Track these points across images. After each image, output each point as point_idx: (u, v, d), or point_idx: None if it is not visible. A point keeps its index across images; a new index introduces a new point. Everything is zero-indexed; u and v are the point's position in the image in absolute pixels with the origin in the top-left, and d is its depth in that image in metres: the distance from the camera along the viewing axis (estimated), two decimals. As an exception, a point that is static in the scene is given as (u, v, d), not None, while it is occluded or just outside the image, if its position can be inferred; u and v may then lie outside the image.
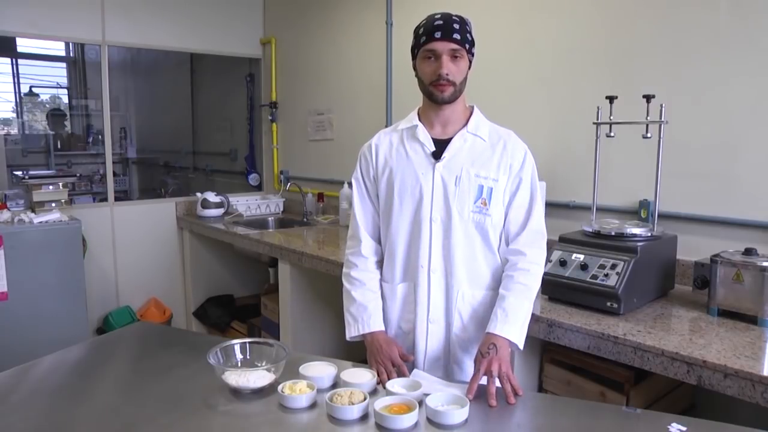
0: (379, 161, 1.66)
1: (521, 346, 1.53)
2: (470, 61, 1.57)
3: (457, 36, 1.50)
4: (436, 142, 1.61)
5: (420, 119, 1.64)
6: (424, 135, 1.61)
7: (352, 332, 1.65)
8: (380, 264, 1.72)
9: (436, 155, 1.59)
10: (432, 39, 1.50)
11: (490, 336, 1.50)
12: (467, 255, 1.59)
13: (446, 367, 1.64)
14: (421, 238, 1.59)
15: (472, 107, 1.66)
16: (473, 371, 1.47)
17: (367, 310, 1.63)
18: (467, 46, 1.53)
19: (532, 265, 1.57)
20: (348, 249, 1.73)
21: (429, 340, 1.62)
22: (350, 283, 1.69)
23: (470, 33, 1.55)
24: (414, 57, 1.59)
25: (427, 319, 1.62)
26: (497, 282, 1.61)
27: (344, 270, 1.73)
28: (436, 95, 1.54)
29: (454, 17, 1.52)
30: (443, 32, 1.50)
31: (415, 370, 1.58)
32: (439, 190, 1.58)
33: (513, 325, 1.51)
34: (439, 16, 1.53)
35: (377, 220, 1.70)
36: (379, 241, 1.72)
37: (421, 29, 1.54)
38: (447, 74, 1.50)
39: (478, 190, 1.57)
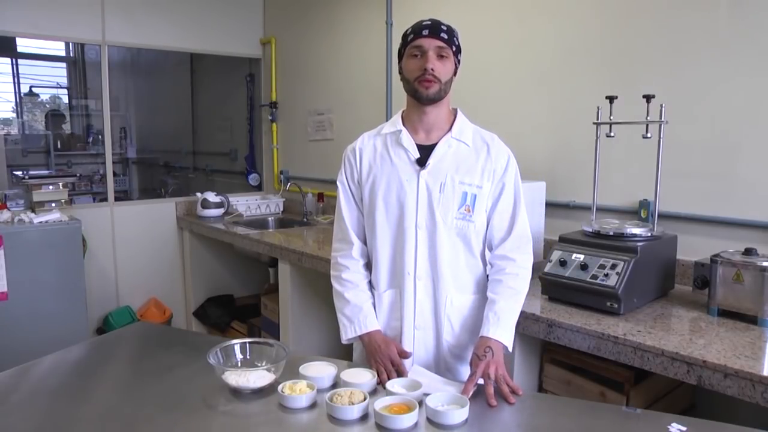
0: (363, 166, 1.65)
1: (510, 349, 1.55)
2: (456, 67, 1.57)
3: (444, 35, 1.51)
4: (420, 148, 1.60)
5: (404, 124, 1.63)
6: (409, 141, 1.60)
7: (348, 334, 1.64)
8: (368, 266, 1.71)
9: (421, 162, 1.58)
10: (419, 36, 1.51)
11: (484, 339, 1.50)
12: (452, 261, 1.59)
13: (436, 372, 1.63)
14: (405, 245, 1.59)
15: (456, 110, 1.65)
16: (469, 374, 1.47)
17: (362, 311, 1.63)
18: (453, 48, 1.54)
19: (521, 270, 1.59)
20: (336, 252, 1.72)
21: (416, 347, 1.62)
22: (342, 286, 1.68)
23: (457, 38, 1.56)
24: (400, 59, 1.60)
25: (413, 326, 1.62)
26: (480, 286, 1.63)
27: (333, 273, 1.71)
28: (421, 92, 1.53)
29: (443, 22, 1.54)
30: (431, 30, 1.51)
31: (414, 366, 1.58)
32: (423, 198, 1.57)
33: (505, 329, 1.52)
34: (427, 18, 1.55)
35: (363, 223, 1.70)
36: (366, 243, 1.71)
37: (409, 29, 1.56)
38: (432, 69, 1.50)
39: (462, 197, 1.57)
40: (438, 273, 1.59)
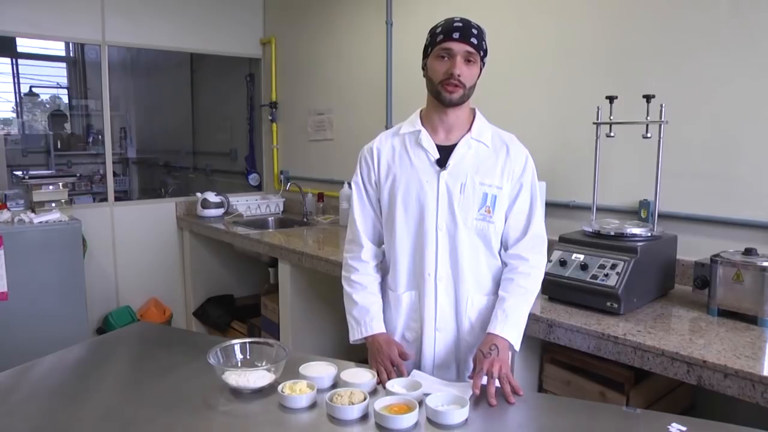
0: (382, 167, 1.63)
1: (518, 348, 1.55)
2: (480, 70, 1.55)
3: (474, 40, 1.49)
4: (439, 148, 1.58)
5: (423, 123, 1.62)
6: (428, 142, 1.59)
7: (355, 335, 1.64)
8: (380, 267, 1.71)
9: (441, 162, 1.57)
10: (449, 39, 1.48)
11: (491, 336, 1.50)
12: (473, 262, 1.59)
13: (457, 371, 1.64)
14: (426, 246, 1.58)
15: (474, 110, 1.64)
16: (474, 369, 1.47)
17: (369, 313, 1.63)
18: (482, 53, 1.52)
19: (534, 270, 1.58)
20: (347, 253, 1.71)
21: (437, 348, 1.62)
22: (351, 287, 1.68)
23: (485, 42, 1.53)
24: (425, 56, 1.57)
25: (434, 327, 1.61)
26: (499, 285, 1.61)
27: (344, 274, 1.71)
28: (445, 95, 1.51)
29: (473, 23, 1.52)
30: (462, 34, 1.48)
31: (414, 371, 1.58)
32: (444, 199, 1.56)
33: (513, 328, 1.52)
34: (458, 19, 1.52)
35: (378, 225, 1.69)
36: (378, 245, 1.70)
37: (439, 28, 1.52)
38: (459, 75, 1.48)
39: (482, 198, 1.56)
40: (459, 274, 1.58)
